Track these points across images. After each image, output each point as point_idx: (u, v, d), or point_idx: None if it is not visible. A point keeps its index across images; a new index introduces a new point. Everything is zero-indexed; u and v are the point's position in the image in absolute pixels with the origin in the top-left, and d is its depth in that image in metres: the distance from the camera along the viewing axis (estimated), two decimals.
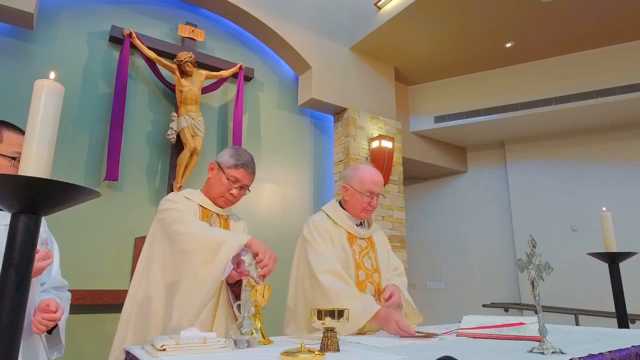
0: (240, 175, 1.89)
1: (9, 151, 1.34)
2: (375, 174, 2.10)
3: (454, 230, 6.86)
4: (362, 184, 2.05)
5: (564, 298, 5.42)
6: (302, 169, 5.06)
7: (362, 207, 2.06)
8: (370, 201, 2.04)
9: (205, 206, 1.93)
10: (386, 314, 1.74)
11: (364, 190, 2.03)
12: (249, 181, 1.93)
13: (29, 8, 3.31)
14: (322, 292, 1.84)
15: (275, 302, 1.82)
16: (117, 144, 3.66)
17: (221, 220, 1.97)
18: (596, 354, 1.20)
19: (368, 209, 2.06)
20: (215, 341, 1.29)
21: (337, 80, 5.15)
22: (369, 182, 2.04)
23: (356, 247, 2.06)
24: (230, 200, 1.93)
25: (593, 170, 5.91)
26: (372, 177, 2.06)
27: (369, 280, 2.00)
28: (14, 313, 0.78)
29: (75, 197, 0.86)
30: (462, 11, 4.63)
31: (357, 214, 2.09)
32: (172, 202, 1.85)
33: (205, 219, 1.89)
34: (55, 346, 1.47)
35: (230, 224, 2.01)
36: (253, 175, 1.95)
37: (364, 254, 2.07)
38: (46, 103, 0.86)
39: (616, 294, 2.27)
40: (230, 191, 1.89)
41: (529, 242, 1.39)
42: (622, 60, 5.09)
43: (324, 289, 1.82)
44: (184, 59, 3.96)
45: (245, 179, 1.91)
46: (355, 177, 2.10)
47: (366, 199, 2.04)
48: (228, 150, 1.95)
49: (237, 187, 1.90)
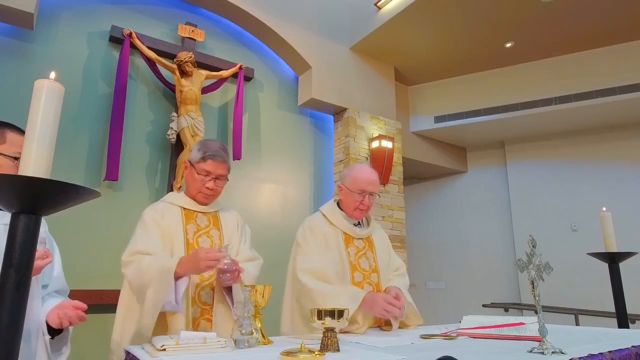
0: (210, 167, 1.84)
1: (11, 151, 1.36)
2: (367, 173, 2.09)
3: (454, 230, 6.86)
4: (354, 183, 2.05)
5: (564, 298, 5.42)
6: (302, 169, 5.06)
7: (354, 206, 2.06)
8: (362, 200, 2.03)
9: (189, 207, 1.90)
10: (372, 297, 1.78)
11: (356, 189, 2.03)
12: (222, 170, 1.88)
13: (29, 8, 3.31)
14: (305, 291, 1.86)
15: (275, 302, 1.82)
16: (117, 144, 3.66)
17: (209, 217, 1.94)
18: (596, 354, 1.20)
19: (360, 208, 2.05)
20: (215, 341, 1.29)
21: (337, 80, 5.15)
22: (360, 181, 2.04)
23: (352, 248, 2.05)
24: (208, 195, 1.89)
25: (593, 170, 5.91)
26: (363, 176, 2.06)
27: (366, 281, 1.99)
28: (14, 313, 0.79)
29: (75, 197, 0.86)
30: (462, 11, 4.63)
31: (351, 213, 2.09)
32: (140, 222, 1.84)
33: (190, 222, 1.88)
34: (59, 350, 1.46)
35: (220, 219, 1.97)
36: (225, 164, 1.88)
37: (360, 255, 2.05)
38: (46, 103, 0.86)
39: (616, 294, 2.27)
40: (205, 185, 1.85)
41: (529, 242, 1.39)
42: (622, 60, 5.09)
43: (308, 289, 1.85)
44: (184, 59, 3.96)
45: (217, 169, 1.86)
46: (348, 176, 2.11)
47: (358, 197, 2.03)
48: (196, 145, 1.93)
49: (210, 179, 1.86)
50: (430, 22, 4.83)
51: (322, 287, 1.84)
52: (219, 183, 1.89)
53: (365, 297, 1.78)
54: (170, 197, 1.95)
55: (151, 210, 1.87)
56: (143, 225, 1.82)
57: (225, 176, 1.91)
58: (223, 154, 1.88)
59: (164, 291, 1.61)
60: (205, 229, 1.90)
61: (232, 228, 1.98)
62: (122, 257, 1.76)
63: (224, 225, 1.96)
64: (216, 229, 1.93)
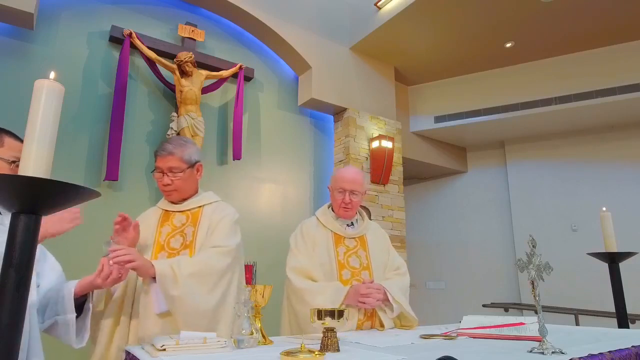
0: (159, 163, 1.83)
1: (8, 155, 1.41)
2: (348, 172, 2.16)
3: (454, 230, 6.86)
4: (335, 181, 2.15)
5: (564, 298, 5.42)
6: (302, 169, 5.06)
7: (338, 204, 2.13)
8: (344, 198, 2.09)
9: (167, 209, 1.91)
10: (353, 289, 1.89)
11: (337, 187, 2.12)
12: (172, 163, 1.80)
13: (29, 8, 3.31)
14: (293, 289, 1.95)
15: (275, 302, 1.82)
16: (117, 144, 3.66)
17: (188, 215, 1.87)
18: (596, 354, 1.20)
19: (343, 206, 2.11)
20: (215, 341, 1.29)
21: (337, 80, 5.15)
22: (339, 179, 2.12)
23: (342, 247, 2.10)
24: (166, 190, 1.85)
25: (593, 170, 5.91)
26: (343, 175, 2.14)
27: (354, 278, 2.02)
28: (14, 313, 0.79)
29: (75, 197, 0.86)
30: (462, 11, 4.63)
31: (337, 212, 2.16)
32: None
33: (165, 223, 1.86)
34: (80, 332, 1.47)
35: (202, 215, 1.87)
36: (172, 155, 1.81)
37: (350, 254, 2.10)
38: (46, 103, 0.86)
39: (616, 294, 2.27)
40: (161, 182, 1.84)
41: (529, 242, 1.39)
42: (622, 60, 5.09)
43: (296, 288, 1.93)
44: (184, 59, 3.96)
45: (165, 163, 1.81)
46: (332, 177, 2.22)
47: (339, 195, 2.11)
48: None
49: (160, 174, 1.83)
50: (430, 22, 4.83)
51: (308, 284, 1.93)
52: (174, 177, 1.82)
53: (349, 291, 1.89)
54: (161, 200, 1.97)
55: (141, 216, 1.93)
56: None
57: (180, 168, 1.82)
58: (169, 146, 1.83)
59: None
60: (180, 228, 1.86)
61: (212, 222, 1.86)
62: None
63: (204, 220, 1.86)
64: (192, 226, 1.85)
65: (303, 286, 1.92)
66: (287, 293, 2.02)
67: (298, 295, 1.92)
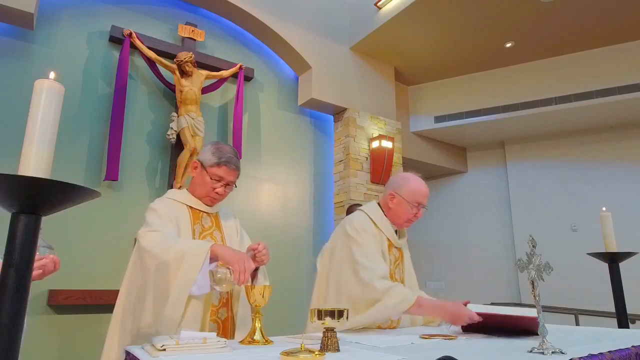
0: (223, 173, 1.83)
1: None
2: (425, 187, 2.10)
3: (454, 230, 6.86)
4: (412, 194, 2.03)
5: (564, 298, 5.42)
6: (302, 169, 5.06)
7: (407, 217, 2.05)
8: (417, 213, 2.04)
9: (194, 206, 1.89)
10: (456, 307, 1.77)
11: (413, 201, 2.02)
12: (233, 177, 1.87)
13: (29, 8, 3.31)
14: (371, 291, 1.81)
15: (275, 302, 1.81)
16: (117, 144, 3.66)
17: (212, 219, 1.93)
18: (596, 354, 1.19)
19: (413, 220, 2.07)
20: (215, 341, 1.29)
21: (337, 80, 5.15)
22: (418, 193, 2.04)
23: (392, 256, 2.07)
24: (216, 199, 1.89)
25: (593, 170, 5.91)
26: (422, 189, 2.06)
27: None
28: (14, 313, 0.78)
29: (75, 197, 0.86)
30: (462, 11, 4.63)
31: (400, 223, 2.09)
32: (152, 211, 1.79)
33: (197, 221, 1.86)
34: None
35: (220, 221, 1.96)
36: (237, 171, 1.87)
37: (397, 264, 2.08)
38: (46, 103, 0.86)
39: (616, 294, 2.27)
40: (215, 190, 1.85)
41: (529, 242, 1.39)
42: (622, 60, 5.09)
43: (374, 289, 1.80)
44: (184, 59, 3.96)
45: (228, 176, 1.85)
46: (404, 187, 2.07)
47: (413, 210, 2.04)
48: (209, 148, 1.89)
49: (221, 185, 1.85)
50: (430, 22, 4.83)
51: (392, 286, 1.81)
52: (227, 189, 1.89)
53: (447, 302, 1.80)
54: (174, 194, 1.92)
55: (160, 203, 1.84)
56: (156, 215, 1.78)
57: (235, 182, 1.91)
58: (237, 161, 1.88)
59: (199, 264, 1.56)
60: (209, 230, 1.89)
61: (231, 230, 1.98)
62: (139, 232, 1.71)
63: (225, 227, 1.96)
64: (218, 231, 1.92)
65: (386, 287, 1.80)
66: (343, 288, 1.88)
67: (365, 288, 1.81)
